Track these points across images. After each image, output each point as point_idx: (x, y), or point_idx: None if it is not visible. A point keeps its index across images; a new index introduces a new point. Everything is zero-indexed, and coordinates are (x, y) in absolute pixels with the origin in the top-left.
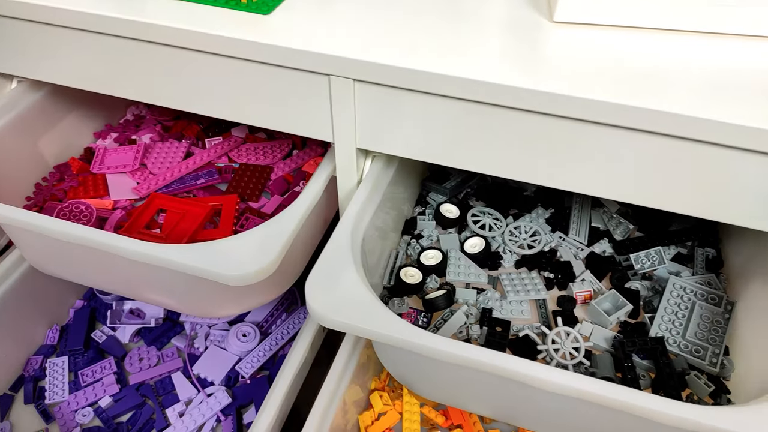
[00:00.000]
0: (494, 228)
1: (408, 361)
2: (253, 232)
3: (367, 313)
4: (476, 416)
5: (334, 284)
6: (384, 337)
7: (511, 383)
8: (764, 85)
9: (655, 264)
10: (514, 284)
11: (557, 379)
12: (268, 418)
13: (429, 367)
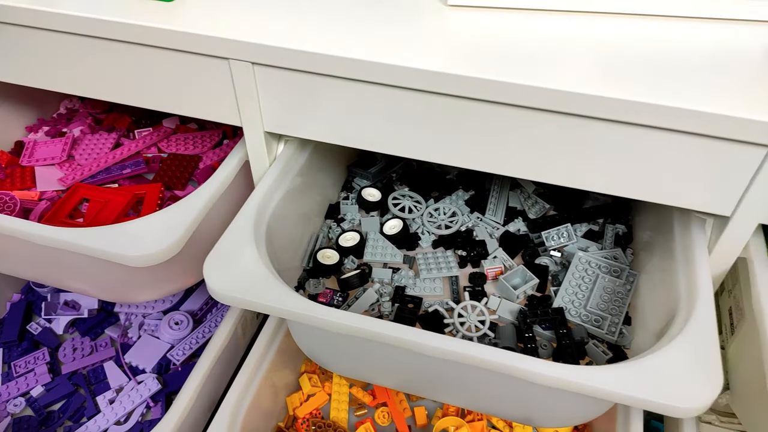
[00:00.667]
0: (414, 210)
1: (313, 336)
2: (157, 214)
3: (262, 288)
4: (403, 395)
5: (233, 262)
6: (276, 310)
7: (404, 354)
8: (651, 60)
9: (566, 240)
10: (428, 263)
11: (442, 345)
12: (183, 401)
13: (332, 342)
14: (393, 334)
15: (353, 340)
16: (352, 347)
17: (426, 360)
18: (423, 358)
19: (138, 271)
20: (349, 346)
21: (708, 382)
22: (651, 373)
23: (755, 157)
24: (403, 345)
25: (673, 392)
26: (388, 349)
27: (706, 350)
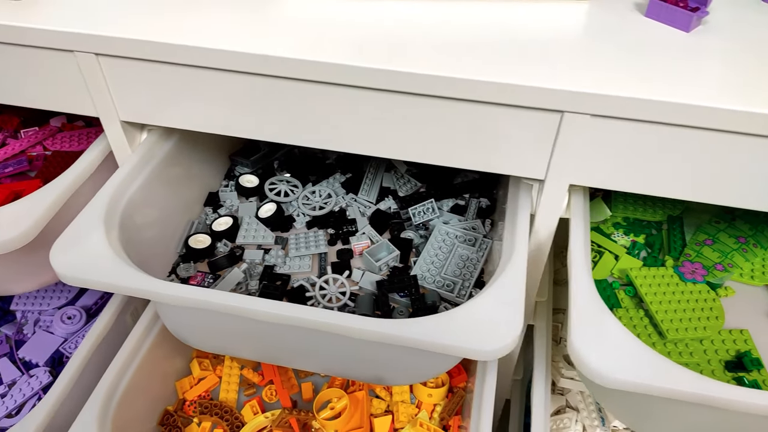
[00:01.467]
0: (291, 194)
1: (173, 315)
2: (10, 205)
3: (106, 268)
4: (292, 372)
5: (80, 245)
6: (119, 288)
7: (254, 325)
8: (497, 41)
9: (431, 215)
10: (298, 242)
11: (272, 309)
12: (56, 390)
13: (188, 318)
14: (225, 302)
15: (205, 315)
16: (205, 322)
17: (276, 329)
18: (272, 327)
19: (8, 261)
20: (201, 322)
21: (510, 326)
22: (460, 321)
23: (552, 123)
24: (236, 312)
25: (475, 337)
26: (238, 321)
27: (512, 298)
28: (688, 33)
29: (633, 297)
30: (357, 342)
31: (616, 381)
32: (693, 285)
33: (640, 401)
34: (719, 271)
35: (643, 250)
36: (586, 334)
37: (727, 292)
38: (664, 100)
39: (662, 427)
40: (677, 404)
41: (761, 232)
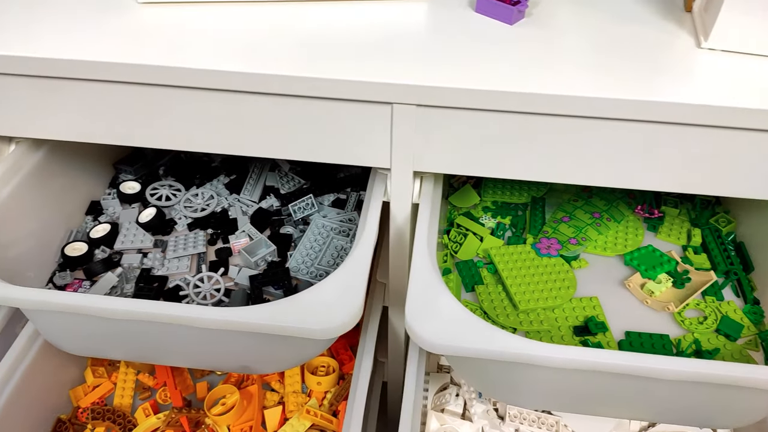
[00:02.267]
0: (172, 198)
1: (42, 321)
2: None
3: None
4: (187, 373)
5: None
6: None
7: (119, 325)
8: (342, 40)
9: (310, 210)
10: (177, 244)
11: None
12: None
13: (55, 323)
14: (73, 302)
15: (69, 319)
16: (70, 326)
17: (136, 327)
18: (133, 325)
19: None
20: (67, 326)
21: (347, 308)
22: (303, 305)
23: (386, 114)
24: (83, 311)
25: (313, 318)
26: (101, 322)
27: (354, 281)
28: (512, 25)
29: (494, 274)
30: (214, 334)
31: (442, 347)
32: (548, 259)
33: (479, 366)
34: (573, 245)
35: (509, 230)
36: (421, 307)
37: (581, 263)
38: (477, 88)
39: (504, 390)
40: (510, 366)
41: (615, 207)
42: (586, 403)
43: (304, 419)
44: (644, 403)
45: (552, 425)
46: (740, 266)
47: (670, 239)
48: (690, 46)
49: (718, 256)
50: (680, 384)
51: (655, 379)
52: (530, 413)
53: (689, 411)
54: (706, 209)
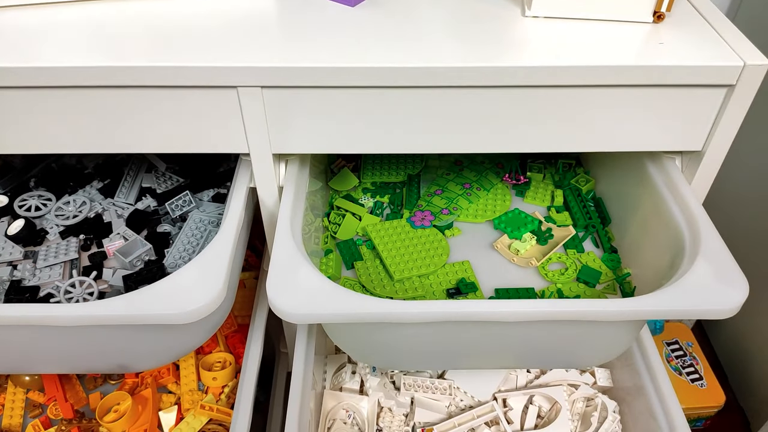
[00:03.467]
0: (42, 208)
1: None
2: None
3: None
4: (79, 385)
5: None
6: None
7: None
8: (199, 27)
9: (188, 206)
10: (48, 253)
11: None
12: None
13: None
14: None
15: None
16: None
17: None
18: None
19: None
20: None
21: (206, 291)
22: (164, 291)
23: (233, 98)
24: None
25: (173, 304)
26: None
27: (214, 264)
28: (353, 7)
29: (373, 250)
30: (79, 333)
31: (300, 316)
32: (423, 230)
33: (350, 334)
34: (445, 215)
35: (387, 208)
36: (281, 282)
37: (454, 232)
38: (318, 66)
39: (378, 354)
40: (375, 329)
41: (485, 177)
42: (456, 358)
43: (200, 415)
44: (511, 350)
45: (445, 389)
46: (598, 220)
47: (535, 202)
48: (516, 15)
49: (578, 212)
50: (540, 326)
51: (517, 323)
52: (424, 380)
53: (554, 353)
54: (568, 171)
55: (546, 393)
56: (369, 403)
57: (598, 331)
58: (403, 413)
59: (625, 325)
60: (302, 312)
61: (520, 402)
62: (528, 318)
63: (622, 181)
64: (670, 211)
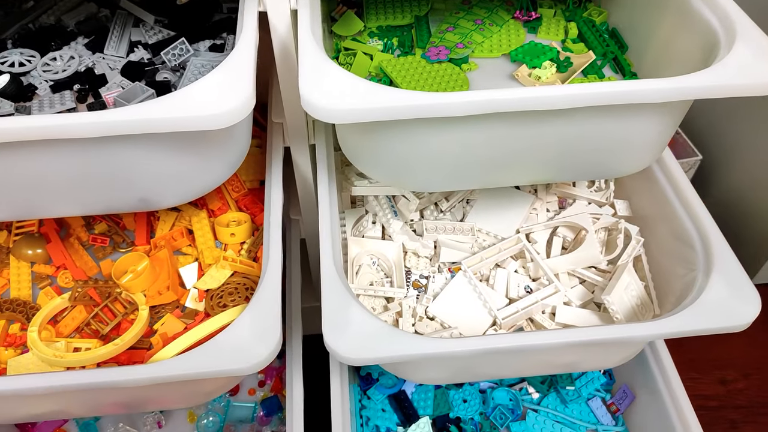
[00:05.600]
0: (27, 64)
1: None
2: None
3: None
4: (87, 255)
5: None
6: None
7: None
8: None
9: (185, 55)
10: (41, 105)
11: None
12: None
13: None
14: None
15: None
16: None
17: (23, 164)
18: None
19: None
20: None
21: (240, 88)
22: (200, 94)
23: None
24: None
25: (206, 105)
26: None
27: (238, 75)
28: None
29: (389, 85)
30: (98, 162)
31: (333, 111)
32: (439, 64)
33: (374, 150)
34: (460, 49)
35: (397, 49)
36: (312, 80)
37: (471, 66)
38: None
39: (405, 173)
40: (405, 141)
41: (496, 13)
42: (495, 171)
43: (223, 267)
44: (540, 160)
45: (468, 230)
46: (616, 47)
47: (549, 36)
48: None
49: (594, 41)
50: (582, 119)
51: (560, 118)
52: (446, 224)
53: (593, 154)
54: (578, 7)
55: (571, 221)
56: (394, 247)
57: (634, 126)
58: (427, 255)
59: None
60: (337, 107)
61: (544, 235)
62: (573, 101)
63: (636, 7)
64: (697, 14)
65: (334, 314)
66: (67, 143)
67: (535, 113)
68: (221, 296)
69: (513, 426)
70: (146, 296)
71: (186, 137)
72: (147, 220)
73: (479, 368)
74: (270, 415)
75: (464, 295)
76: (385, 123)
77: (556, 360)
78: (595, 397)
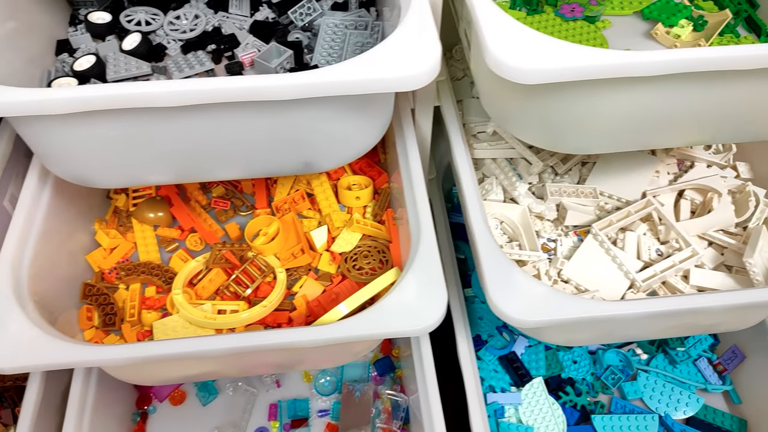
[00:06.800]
0: (152, 23)
1: (58, 145)
2: None
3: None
4: (211, 219)
5: None
6: None
7: (171, 135)
8: None
9: (312, 14)
10: (180, 66)
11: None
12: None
13: (85, 143)
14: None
15: (103, 134)
16: (103, 145)
17: (192, 134)
18: (189, 133)
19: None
20: (99, 146)
21: (431, 49)
22: (395, 53)
23: None
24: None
25: (407, 63)
26: (148, 135)
27: (428, 33)
28: None
29: None
30: (281, 125)
31: (532, 72)
32: (574, 22)
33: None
34: (594, 6)
35: (523, 6)
36: (503, 40)
37: (604, 24)
38: None
39: (571, 133)
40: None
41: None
42: (654, 135)
43: (355, 230)
44: (711, 120)
45: (590, 193)
46: (747, 4)
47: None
48: None
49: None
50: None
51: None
52: (568, 187)
53: (743, 125)
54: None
55: (701, 184)
56: (519, 210)
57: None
58: (551, 219)
59: None
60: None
61: (668, 198)
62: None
63: None
64: None
65: (497, 279)
66: (259, 106)
67: (723, 74)
68: (355, 259)
69: (625, 386)
70: (279, 259)
71: (360, 100)
72: (265, 183)
73: (624, 330)
74: (383, 375)
75: (596, 258)
76: (566, 84)
77: (700, 322)
78: (701, 357)
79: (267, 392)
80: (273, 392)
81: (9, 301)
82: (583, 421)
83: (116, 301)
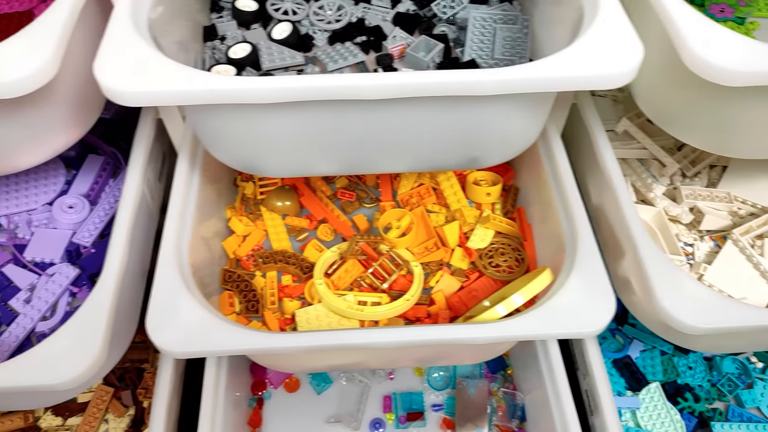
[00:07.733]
0: (298, 12)
1: (228, 135)
2: (13, 38)
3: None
4: (338, 210)
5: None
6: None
7: (341, 129)
8: None
9: (456, 8)
10: (332, 56)
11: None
12: (113, 264)
13: (252, 134)
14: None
15: (276, 125)
16: (278, 133)
17: (366, 127)
18: (365, 126)
19: (13, 119)
20: (273, 133)
21: None
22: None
23: None
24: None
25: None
26: (316, 126)
27: None
28: None
29: None
30: (459, 120)
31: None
32: (725, 23)
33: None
34: (743, 7)
35: None
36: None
37: (754, 26)
38: None
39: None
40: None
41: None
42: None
43: (489, 227)
44: None
45: (724, 197)
46: None
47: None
48: None
49: None
50: None
51: None
52: (702, 191)
53: None
54: None
55: None
56: (653, 212)
57: None
58: (686, 222)
59: None
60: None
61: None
62: None
63: None
64: None
65: (665, 284)
66: (445, 101)
67: None
68: (491, 256)
69: (742, 394)
70: (413, 253)
71: (540, 96)
72: (389, 176)
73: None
74: (494, 372)
75: (737, 264)
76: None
77: None
78: None
79: (379, 384)
80: (385, 384)
81: (177, 284)
82: (701, 427)
83: (256, 287)
